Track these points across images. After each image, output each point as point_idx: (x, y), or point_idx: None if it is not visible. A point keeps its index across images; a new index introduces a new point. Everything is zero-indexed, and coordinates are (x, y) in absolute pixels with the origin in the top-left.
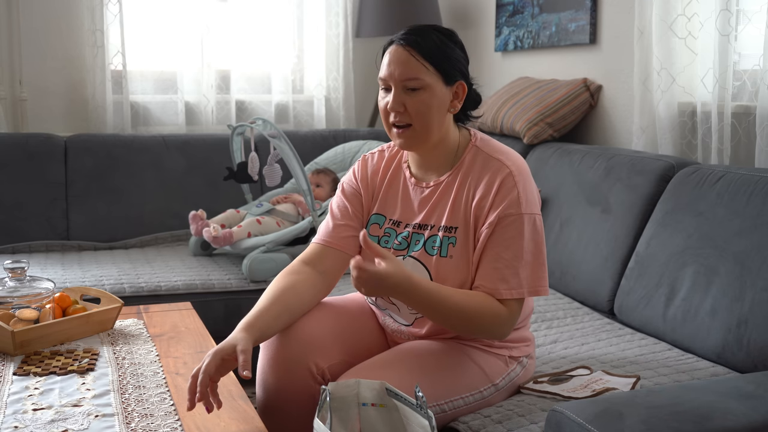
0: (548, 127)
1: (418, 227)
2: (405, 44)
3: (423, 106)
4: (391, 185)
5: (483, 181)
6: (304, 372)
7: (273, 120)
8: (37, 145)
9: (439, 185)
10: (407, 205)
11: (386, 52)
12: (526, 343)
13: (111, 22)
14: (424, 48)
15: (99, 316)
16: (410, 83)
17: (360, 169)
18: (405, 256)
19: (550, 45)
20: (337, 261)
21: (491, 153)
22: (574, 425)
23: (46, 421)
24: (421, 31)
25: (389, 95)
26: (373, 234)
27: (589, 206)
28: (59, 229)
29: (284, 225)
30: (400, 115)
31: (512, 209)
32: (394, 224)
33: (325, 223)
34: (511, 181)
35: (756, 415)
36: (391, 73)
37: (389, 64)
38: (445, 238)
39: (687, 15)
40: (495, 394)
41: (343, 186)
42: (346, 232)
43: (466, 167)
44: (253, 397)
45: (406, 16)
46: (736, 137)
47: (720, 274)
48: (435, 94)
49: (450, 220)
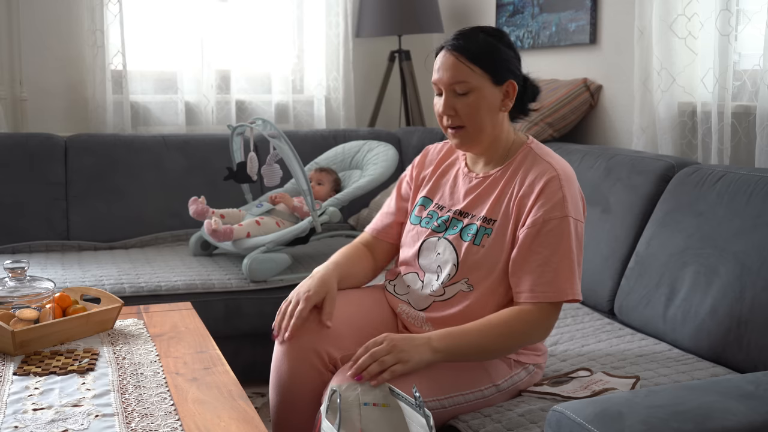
0: (548, 127)
1: (459, 213)
2: (452, 49)
3: (472, 108)
4: (445, 173)
5: (528, 179)
6: (317, 360)
7: (273, 120)
8: (37, 145)
9: (488, 178)
10: (454, 192)
11: (437, 57)
12: (536, 353)
13: (111, 22)
14: (471, 51)
15: (99, 316)
16: (458, 87)
17: (420, 159)
18: (440, 238)
19: (550, 45)
20: (386, 251)
21: (542, 155)
22: (574, 425)
23: (46, 421)
24: (468, 34)
25: (441, 99)
26: (417, 214)
27: (589, 206)
28: (59, 229)
29: (284, 225)
30: (452, 118)
31: (557, 212)
32: (438, 207)
33: (381, 212)
34: (556, 184)
35: (756, 415)
36: (440, 78)
37: (438, 69)
38: (482, 228)
39: (687, 15)
40: (496, 395)
41: (401, 182)
42: (396, 220)
43: (516, 165)
44: (254, 397)
45: (406, 16)
46: (736, 137)
47: (720, 274)
48: (484, 95)
49: (491, 212)
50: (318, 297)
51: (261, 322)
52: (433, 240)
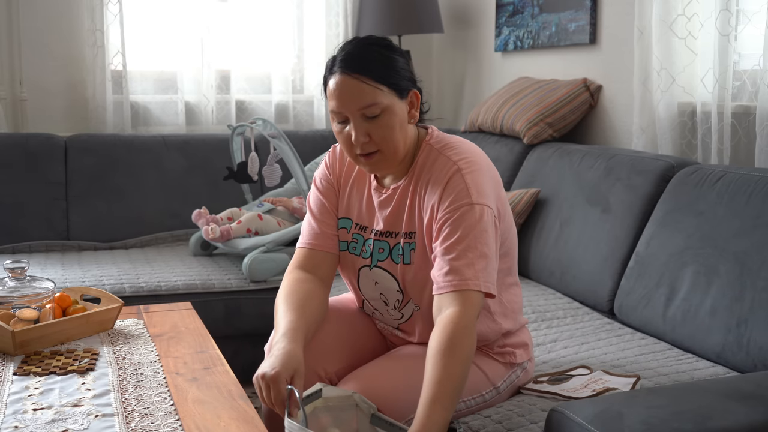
0: (548, 127)
1: (380, 234)
2: (351, 72)
3: (387, 130)
4: (355, 184)
5: (432, 180)
6: (313, 376)
7: (273, 120)
8: (37, 145)
9: (397, 190)
10: (370, 209)
11: (330, 81)
12: (525, 348)
13: (111, 22)
14: (372, 70)
15: (99, 316)
16: (369, 111)
17: (331, 160)
18: (371, 266)
19: (550, 45)
20: (329, 264)
21: (441, 150)
22: (574, 425)
23: (46, 421)
24: (360, 52)
25: (348, 126)
26: (342, 239)
27: (589, 206)
28: (59, 229)
29: (285, 225)
30: (366, 145)
31: (463, 200)
32: (360, 229)
33: (308, 223)
34: (457, 178)
35: (756, 415)
36: (344, 105)
37: (340, 96)
38: (406, 245)
39: (687, 15)
40: (496, 397)
41: (316, 181)
42: (329, 230)
43: (419, 168)
44: (253, 398)
45: (406, 16)
46: (736, 137)
47: (720, 274)
48: (395, 112)
49: (408, 225)
50: (288, 373)
51: (261, 322)
52: (365, 270)
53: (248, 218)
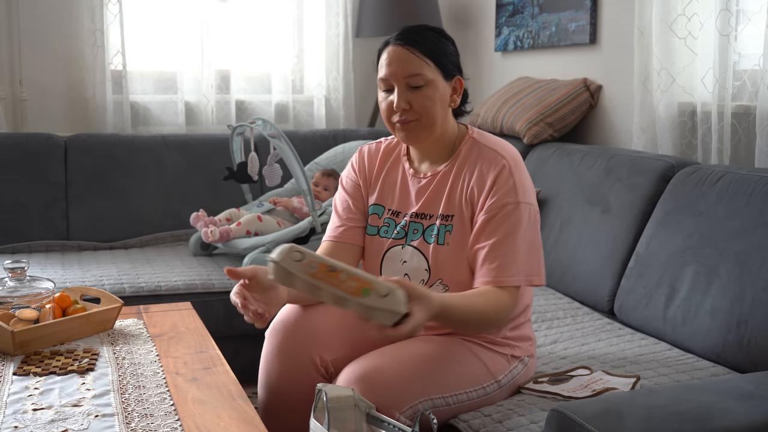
0: (548, 127)
1: (416, 216)
2: (404, 43)
3: (428, 101)
4: (389, 175)
5: (478, 170)
6: (308, 363)
7: (273, 120)
8: (37, 145)
9: (437, 175)
10: (405, 195)
11: (383, 53)
12: (528, 342)
13: (111, 22)
14: (423, 45)
15: (99, 316)
16: (413, 80)
17: (358, 161)
18: (404, 245)
19: (550, 45)
20: (350, 254)
21: (487, 144)
22: (574, 425)
23: (46, 421)
24: (415, 30)
25: (392, 95)
26: (372, 224)
27: (589, 206)
28: (59, 229)
29: (285, 225)
30: (406, 113)
31: (509, 198)
32: (392, 214)
33: (332, 221)
34: (506, 173)
35: (756, 415)
36: (393, 72)
37: (390, 63)
38: (442, 227)
39: (687, 15)
40: (497, 391)
41: (343, 181)
42: (353, 224)
43: (462, 158)
44: (253, 398)
45: (406, 16)
46: (736, 137)
47: (720, 274)
48: (438, 88)
49: (447, 208)
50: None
51: None
52: (396, 249)
53: (248, 220)
